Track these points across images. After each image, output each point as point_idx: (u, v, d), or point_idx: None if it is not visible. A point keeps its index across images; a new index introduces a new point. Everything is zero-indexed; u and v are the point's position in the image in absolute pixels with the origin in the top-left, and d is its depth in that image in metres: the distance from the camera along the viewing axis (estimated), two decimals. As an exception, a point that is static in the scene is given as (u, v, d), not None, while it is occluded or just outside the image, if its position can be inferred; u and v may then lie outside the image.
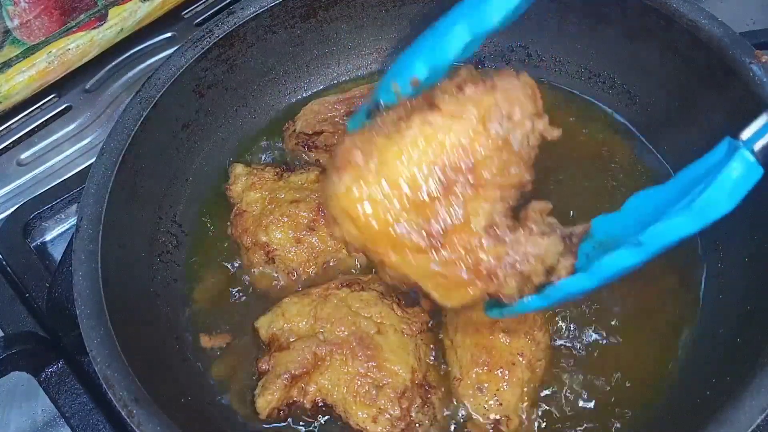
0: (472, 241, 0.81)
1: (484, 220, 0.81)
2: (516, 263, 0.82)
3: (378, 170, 0.79)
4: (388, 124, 0.82)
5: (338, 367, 1.00)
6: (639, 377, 1.03)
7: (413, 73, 0.86)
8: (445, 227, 0.80)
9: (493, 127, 0.79)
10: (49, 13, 1.41)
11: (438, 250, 0.81)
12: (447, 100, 0.80)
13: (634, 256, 0.81)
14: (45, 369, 1.10)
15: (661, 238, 0.79)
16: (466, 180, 0.80)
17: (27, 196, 1.42)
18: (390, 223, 0.80)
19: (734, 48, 1.06)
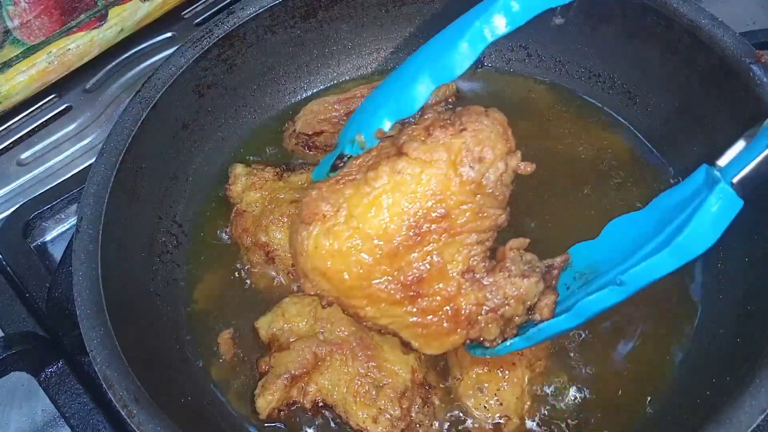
0: (450, 288, 0.79)
1: (461, 266, 0.79)
2: (496, 308, 0.80)
3: (347, 222, 0.77)
4: (355, 172, 0.80)
5: (338, 367, 1.00)
6: (639, 377, 1.03)
7: (379, 126, 0.83)
8: (420, 276, 0.78)
9: (465, 171, 0.77)
10: (49, 13, 1.41)
11: (415, 300, 0.78)
12: (415, 146, 0.77)
13: (617, 295, 0.82)
14: (45, 369, 1.10)
15: (644, 278, 0.80)
16: (440, 227, 0.77)
17: (27, 196, 1.42)
18: (363, 276, 0.77)
19: (734, 48, 1.06)
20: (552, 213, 1.17)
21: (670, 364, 1.04)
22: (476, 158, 0.77)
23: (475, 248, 0.80)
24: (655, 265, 0.79)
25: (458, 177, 0.77)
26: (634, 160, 1.23)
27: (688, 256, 0.78)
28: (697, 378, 1.00)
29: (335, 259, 0.77)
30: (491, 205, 0.79)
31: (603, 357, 1.04)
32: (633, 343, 1.06)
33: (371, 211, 0.76)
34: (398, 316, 0.80)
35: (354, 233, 0.76)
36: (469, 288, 0.80)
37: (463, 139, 0.77)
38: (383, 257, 0.77)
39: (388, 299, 0.79)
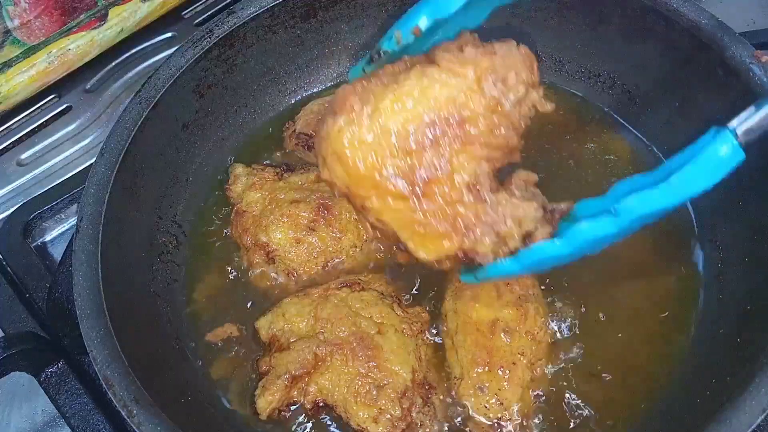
0: (454, 194, 0.83)
1: (467, 176, 0.83)
2: (493, 223, 0.83)
3: (372, 116, 0.81)
4: (388, 75, 0.84)
5: (339, 368, 1.00)
6: (639, 377, 1.03)
7: (416, 23, 0.89)
8: (428, 177, 0.82)
9: (487, 87, 0.81)
10: (50, 14, 1.41)
11: (419, 198, 0.82)
12: (446, 57, 0.82)
13: (610, 225, 0.81)
14: (45, 369, 1.10)
15: (637, 208, 0.79)
16: (455, 134, 0.81)
17: (27, 196, 1.42)
18: (376, 166, 0.82)
19: (734, 48, 1.06)
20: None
21: (670, 364, 1.04)
22: (500, 78, 0.82)
23: (483, 164, 0.84)
24: (649, 198, 0.79)
25: (480, 92, 0.81)
26: (634, 160, 1.23)
27: (682, 194, 0.78)
28: (697, 378, 1.00)
29: (354, 148, 0.82)
30: (506, 126, 0.83)
31: (603, 357, 1.04)
32: (633, 344, 1.06)
33: (395, 108, 0.81)
34: (400, 212, 0.84)
35: (375, 126, 0.81)
36: (471, 199, 0.83)
37: (492, 60, 0.82)
38: (398, 152, 0.81)
39: (395, 193, 0.82)
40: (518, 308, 1.03)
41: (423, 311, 1.08)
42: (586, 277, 1.10)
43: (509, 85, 0.82)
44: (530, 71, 0.84)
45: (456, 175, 0.83)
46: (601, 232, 0.82)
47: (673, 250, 1.14)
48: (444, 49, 0.84)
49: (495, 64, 0.82)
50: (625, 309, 1.08)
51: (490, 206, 0.84)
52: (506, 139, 0.84)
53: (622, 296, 1.09)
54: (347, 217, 1.15)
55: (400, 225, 0.85)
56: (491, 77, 0.82)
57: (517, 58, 0.84)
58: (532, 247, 0.85)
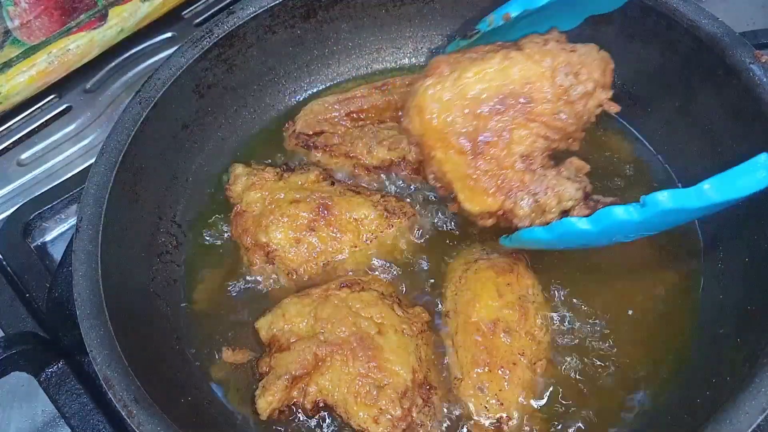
0: (507, 160, 0.94)
1: (523, 148, 0.94)
2: (536, 192, 0.94)
3: (456, 81, 0.94)
4: (479, 52, 0.97)
5: (339, 368, 1.00)
6: (639, 377, 1.03)
7: (507, 10, 1.01)
8: (489, 140, 0.94)
9: (560, 77, 0.93)
10: (50, 14, 1.41)
11: (476, 157, 0.94)
12: (530, 45, 0.95)
13: (635, 212, 0.86)
14: (45, 369, 1.10)
15: (663, 202, 0.83)
16: (521, 110, 0.93)
17: (27, 196, 1.42)
18: (448, 123, 0.94)
19: (734, 48, 1.06)
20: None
21: (670, 364, 1.04)
22: (573, 72, 0.93)
23: (540, 141, 0.95)
24: (676, 195, 0.82)
25: (552, 79, 0.93)
26: (634, 161, 1.23)
27: (714, 197, 0.80)
28: (698, 378, 1.00)
29: (434, 104, 0.95)
30: (568, 113, 0.94)
31: (602, 357, 1.04)
32: (633, 344, 1.06)
33: (476, 78, 0.93)
34: (458, 165, 0.96)
35: (456, 90, 0.94)
36: (522, 167, 0.94)
37: (569, 56, 0.94)
38: (469, 115, 0.94)
39: (457, 148, 0.95)
40: (518, 308, 1.03)
41: (423, 311, 1.08)
42: (586, 278, 1.10)
43: (580, 79, 0.93)
44: (603, 73, 0.95)
45: (514, 145, 0.94)
46: (625, 217, 0.86)
47: (674, 250, 1.14)
48: (530, 40, 0.96)
49: (572, 59, 0.93)
50: (625, 309, 1.08)
51: (537, 178, 0.95)
52: (566, 124, 0.95)
53: (623, 296, 1.09)
54: (347, 217, 1.15)
55: (456, 176, 0.97)
56: (565, 69, 0.93)
57: (594, 59, 0.94)
58: (563, 220, 0.93)
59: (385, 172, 1.23)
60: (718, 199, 0.80)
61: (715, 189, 0.80)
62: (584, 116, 0.96)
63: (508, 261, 1.08)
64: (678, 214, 0.84)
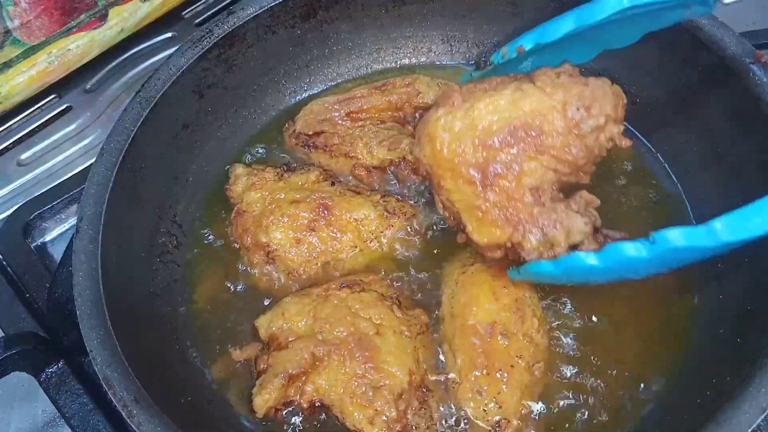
0: (516, 192, 0.95)
1: (533, 181, 0.95)
2: (544, 225, 0.94)
3: (467, 112, 0.95)
4: (492, 84, 0.98)
5: (336, 368, 1.00)
6: (638, 378, 1.03)
7: (521, 43, 1.03)
8: (499, 172, 0.94)
9: (571, 111, 0.93)
10: (50, 14, 1.41)
11: (485, 188, 0.95)
12: (542, 78, 0.95)
13: (643, 249, 0.85)
14: (45, 369, 1.10)
15: (672, 240, 0.82)
16: (532, 142, 0.94)
17: (27, 196, 1.42)
18: (458, 154, 0.96)
19: (734, 48, 1.06)
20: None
21: (670, 365, 1.04)
22: (585, 106, 0.93)
23: (550, 174, 0.95)
24: (687, 233, 0.81)
25: (564, 113, 0.93)
26: (634, 161, 1.23)
27: (721, 237, 0.79)
28: (697, 378, 1.00)
29: (444, 134, 0.96)
30: (579, 147, 0.94)
31: (602, 358, 1.04)
32: (633, 344, 1.06)
33: (488, 109, 0.94)
34: (467, 195, 0.97)
35: (468, 120, 0.95)
36: (531, 201, 0.95)
37: (581, 90, 0.93)
38: (479, 146, 0.95)
39: (467, 178, 0.96)
40: (515, 311, 1.03)
41: (423, 313, 1.08)
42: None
43: (591, 114, 0.93)
44: (615, 108, 0.94)
45: (523, 177, 0.94)
46: (634, 253, 0.85)
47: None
48: (543, 72, 0.96)
49: (584, 93, 0.93)
50: (624, 309, 1.08)
51: (546, 211, 0.94)
52: (576, 158, 0.94)
53: (622, 296, 1.08)
54: (347, 217, 1.15)
55: (464, 207, 0.98)
56: (577, 103, 0.93)
57: (606, 93, 0.94)
58: (571, 255, 0.93)
59: (385, 172, 1.23)
60: (729, 239, 0.79)
61: (727, 228, 0.79)
62: (595, 150, 0.96)
63: (504, 264, 1.08)
64: (688, 253, 0.83)
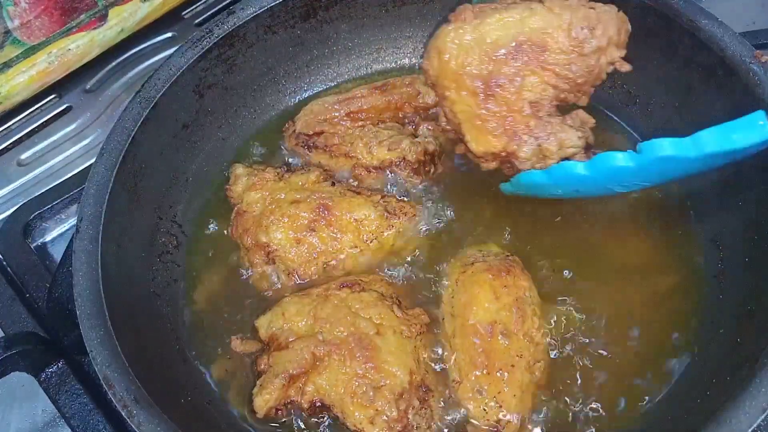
0: (516, 104, 0.98)
1: (533, 95, 0.98)
2: (539, 136, 0.98)
3: (476, 27, 0.98)
4: (503, 3, 1.01)
5: (336, 368, 1.00)
6: (638, 378, 1.03)
7: None
8: (501, 84, 0.98)
9: (576, 30, 0.96)
10: (50, 14, 1.41)
11: (487, 98, 0.99)
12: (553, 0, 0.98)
13: (630, 158, 0.90)
14: (45, 369, 1.10)
15: (658, 149, 0.87)
16: (535, 58, 0.97)
17: (27, 196, 1.42)
18: (464, 65, 0.99)
19: (734, 48, 1.06)
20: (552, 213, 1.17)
21: (670, 364, 1.04)
22: (590, 27, 0.96)
23: (549, 89, 0.99)
24: (671, 144, 0.86)
25: (569, 31, 0.96)
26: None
27: (704, 147, 0.84)
28: (697, 378, 1.00)
29: (453, 47, 0.99)
30: (579, 65, 0.98)
31: (602, 358, 1.04)
32: (633, 344, 1.06)
33: (497, 25, 0.98)
34: (469, 106, 1.00)
35: (476, 34, 0.98)
36: (529, 113, 0.98)
37: (588, 12, 0.97)
38: (485, 58, 0.98)
39: (470, 89, 0.99)
40: (516, 310, 1.03)
41: (423, 313, 1.08)
42: (586, 278, 1.10)
43: (595, 34, 0.97)
44: (618, 32, 0.98)
45: (524, 90, 0.98)
46: (622, 163, 0.90)
47: (674, 250, 1.14)
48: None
49: (589, 15, 0.97)
50: (624, 309, 1.08)
51: (542, 124, 0.98)
52: (576, 76, 0.98)
53: (622, 296, 1.09)
54: (347, 217, 1.15)
55: (465, 117, 1.01)
56: (582, 23, 0.96)
57: (611, 18, 0.98)
58: (562, 163, 0.97)
59: (385, 172, 1.23)
60: (713, 149, 0.84)
61: (711, 139, 0.84)
62: (595, 71, 0.99)
63: (505, 263, 1.08)
64: (675, 164, 0.88)
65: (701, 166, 0.89)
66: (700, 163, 0.88)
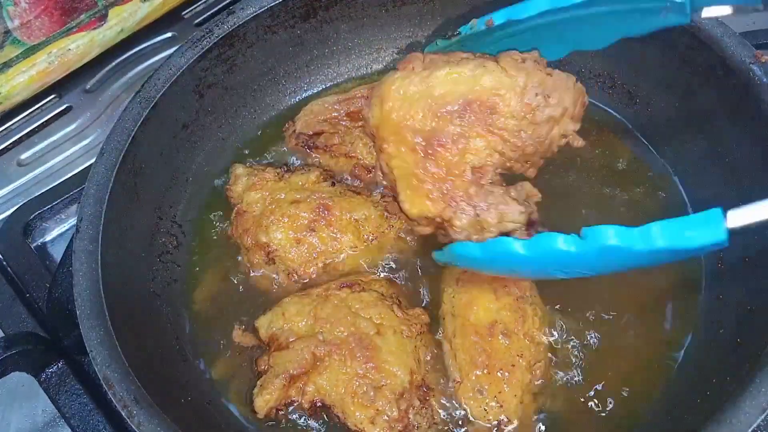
0: (457, 168, 0.92)
1: (477, 159, 0.93)
2: (478, 206, 0.92)
3: (424, 79, 0.93)
4: (455, 56, 0.97)
5: (337, 368, 1.00)
6: (639, 378, 1.03)
7: (491, 17, 1.02)
8: (444, 144, 0.92)
9: (529, 95, 0.91)
10: (50, 14, 1.41)
11: (427, 157, 0.93)
12: (507, 59, 0.94)
13: (571, 243, 0.83)
14: (45, 369, 1.10)
15: (603, 238, 0.81)
16: (484, 120, 0.91)
17: (27, 196, 1.42)
18: (406, 118, 0.93)
19: (734, 48, 1.06)
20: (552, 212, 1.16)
21: (670, 365, 1.04)
22: (544, 95, 0.91)
23: (495, 156, 0.93)
24: (617, 233, 0.80)
25: (521, 96, 0.91)
26: (634, 160, 1.23)
27: (654, 242, 0.78)
28: (697, 378, 1.00)
29: (397, 97, 0.94)
30: (530, 133, 0.92)
31: (602, 358, 1.04)
32: (633, 345, 1.06)
33: (446, 78, 0.93)
34: (407, 163, 0.94)
35: (423, 86, 0.93)
36: (470, 180, 0.92)
37: (544, 78, 0.92)
38: (429, 114, 0.92)
39: (410, 145, 0.93)
40: (516, 310, 1.03)
41: (423, 313, 1.08)
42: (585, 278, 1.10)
43: (549, 102, 0.91)
44: (574, 104, 0.93)
45: (468, 153, 0.92)
46: (564, 247, 0.83)
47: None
48: (508, 54, 0.95)
49: (546, 81, 0.92)
50: (624, 309, 1.08)
51: (483, 192, 0.92)
52: (525, 144, 0.92)
53: (622, 296, 1.09)
54: (347, 217, 1.15)
55: (401, 174, 0.95)
56: (536, 89, 0.91)
57: (569, 87, 0.93)
58: (499, 239, 0.91)
59: (385, 172, 1.23)
60: (663, 245, 0.78)
61: (662, 233, 0.78)
62: (546, 142, 0.94)
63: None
64: (620, 255, 0.82)
65: (651, 260, 0.82)
66: (650, 258, 0.81)
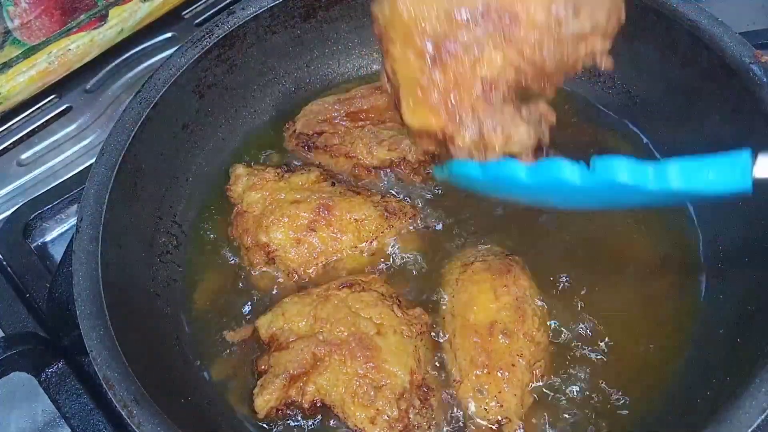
0: (466, 81, 0.82)
1: (489, 73, 0.82)
2: (484, 124, 0.83)
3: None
4: None
5: (337, 368, 1.00)
6: (639, 377, 1.03)
7: None
8: (455, 51, 0.82)
9: (557, 6, 0.79)
10: (50, 14, 1.41)
11: (435, 65, 0.83)
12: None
13: (580, 172, 0.79)
14: (45, 369, 1.10)
15: (610, 171, 0.75)
16: (503, 30, 0.80)
17: (27, 196, 1.42)
18: (418, 19, 0.82)
19: (734, 48, 1.06)
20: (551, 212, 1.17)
21: (670, 365, 1.04)
22: (575, 8, 0.80)
23: (510, 70, 0.82)
24: (628, 169, 0.74)
25: (548, 5, 0.79)
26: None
27: (669, 182, 0.72)
28: (697, 378, 1.00)
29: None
30: (552, 50, 0.81)
31: (601, 358, 1.04)
32: (632, 344, 1.05)
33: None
34: (412, 69, 0.84)
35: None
36: (479, 94, 0.82)
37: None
38: (443, 16, 0.81)
39: (417, 49, 0.83)
40: (516, 310, 1.03)
41: (423, 313, 1.08)
42: (585, 278, 1.10)
43: (578, 18, 0.80)
44: (608, 18, 0.82)
45: (480, 66, 0.82)
46: (569, 177, 0.78)
47: (673, 250, 1.14)
48: None
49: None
50: (624, 309, 1.08)
51: (491, 110, 0.83)
52: (546, 61, 0.82)
53: (622, 296, 1.09)
54: (347, 217, 1.15)
55: (406, 81, 0.85)
56: (567, 2, 0.80)
57: (605, 5, 0.82)
58: (501, 162, 0.84)
59: (386, 172, 1.23)
60: (678, 186, 0.71)
61: (679, 174, 0.71)
62: (569, 61, 0.83)
63: (505, 262, 1.08)
64: (629, 193, 0.76)
65: (662, 201, 0.76)
66: (662, 198, 0.75)
